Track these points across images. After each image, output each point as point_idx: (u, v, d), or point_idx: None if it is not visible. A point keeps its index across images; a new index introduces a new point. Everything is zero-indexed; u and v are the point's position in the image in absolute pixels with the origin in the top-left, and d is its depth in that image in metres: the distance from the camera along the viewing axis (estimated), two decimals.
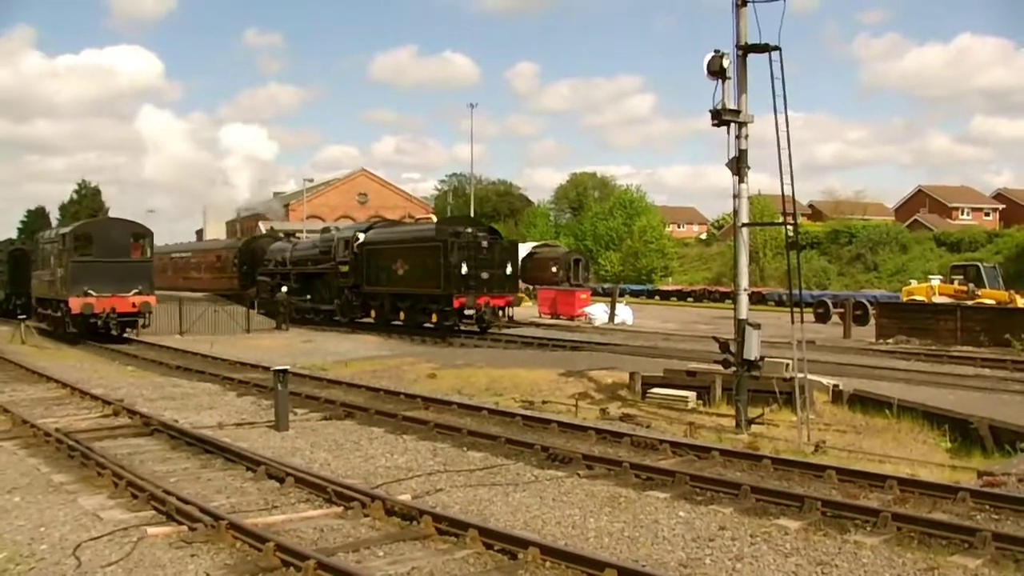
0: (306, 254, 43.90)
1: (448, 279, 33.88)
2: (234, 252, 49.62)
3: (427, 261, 34.87)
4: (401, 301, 37.04)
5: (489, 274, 34.80)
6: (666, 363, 22.03)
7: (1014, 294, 41.21)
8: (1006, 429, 14.64)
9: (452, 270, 33.82)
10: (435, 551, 9.16)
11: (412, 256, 35.96)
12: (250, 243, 49.36)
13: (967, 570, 8.67)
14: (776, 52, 15.99)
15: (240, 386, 21.82)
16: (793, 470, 12.61)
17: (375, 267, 38.12)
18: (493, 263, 35.18)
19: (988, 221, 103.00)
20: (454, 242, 34.35)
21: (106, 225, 38.23)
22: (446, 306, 34.21)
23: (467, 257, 34.32)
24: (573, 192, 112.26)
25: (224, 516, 9.73)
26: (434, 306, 35.04)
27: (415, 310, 36.43)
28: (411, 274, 35.80)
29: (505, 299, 35.70)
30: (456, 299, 33.78)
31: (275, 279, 45.17)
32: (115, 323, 33.86)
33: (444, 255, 33.99)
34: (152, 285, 35.35)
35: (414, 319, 36.56)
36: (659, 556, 9.11)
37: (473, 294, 34.07)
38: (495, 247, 35.88)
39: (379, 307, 38.54)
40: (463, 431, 15.55)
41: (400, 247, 37.14)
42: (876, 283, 67.82)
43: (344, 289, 40.07)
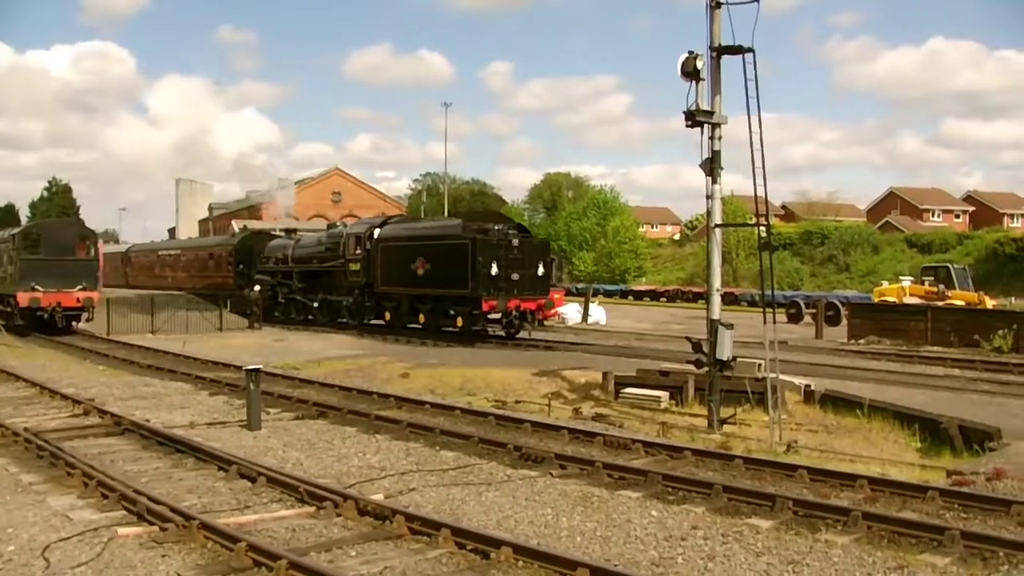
0: (311, 251, 41.19)
1: (476, 280, 30.99)
2: (229, 249, 47.59)
3: (452, 260, 31.95)
4: (421, 303, 34.16)
5: (520, 275, 31.98)
6: (639, 363, 22.10)
7: (983, 295, 41.70)
8: (975, 429, 14.77)
9: (481, 270, 30.94)
10: (408, 551, 9.15)
11: (435, 254, 33.02)
12: (247, 240, 47.33)
13: (936, 568, 8.73)
14: (750, 54, 16.09)
15: (212, 385, 21.70)
16: (765, 470, 12.66)
17: (391, 266, 35.16)
18: (524, 263, 32.32)
19: (958, 223, 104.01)
20: (482, 240, 31.55)
21: (53, 226, 41.62)
22: (474, 309, 31.57)
23: (497, 256, 31.43)
24: (547, 192, 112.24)
25: (195, 516, 9.67)
26: (459, 308, 32.30)
27: (436, 313, 33.61)
28: (433, 274, 32.87)
29: (536, 302, 32.81)
30: (485, 302, 31.05)
31: (275, 278, 43.10)
32: (60, 316, 36.33)
33: (472, 254, 31.16)
34: (96, 282, 38.12)
35: (435, 323, 33.71)
36: (631, 555, 9.12)
37: (504, 296, 31.39)
38: (525, 245, 33.04)
39: (394, 309, 35.51)
40: (436, 431, 15.53)
41: (421, 245, 34.00)
42: (848, 284, 68.27)
43: (355, 289, 37.31)
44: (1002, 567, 8.73)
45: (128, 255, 64.49)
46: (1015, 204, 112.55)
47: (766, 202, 16.22)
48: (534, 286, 32.63)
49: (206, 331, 37.87)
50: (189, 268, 51.94)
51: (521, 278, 31.94)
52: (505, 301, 31.26)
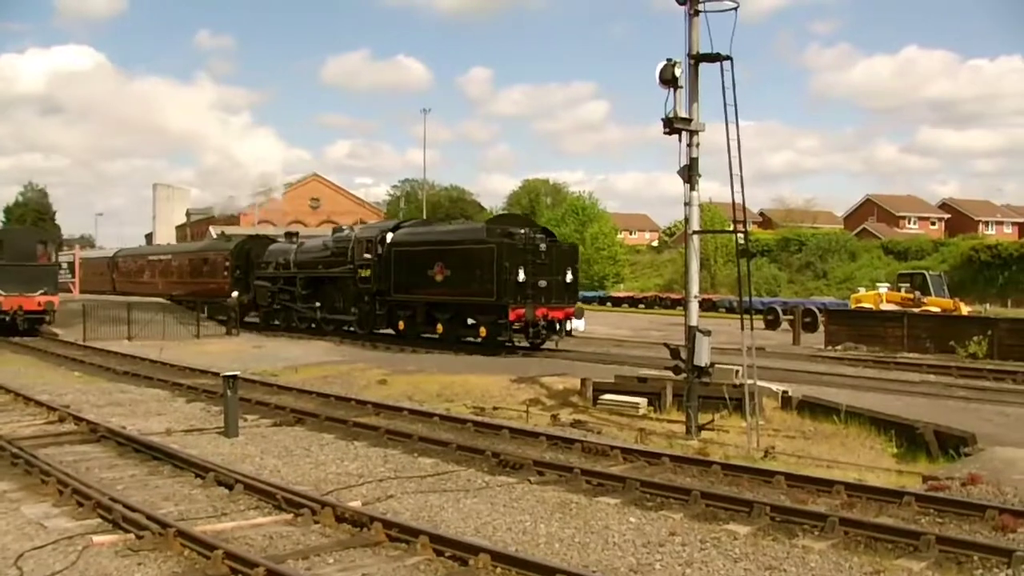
0: (315, 256, 39.29)
1: (502, 287, 29.01)
2: (225, 254, 46.09)
3: (475, 266, 30.03)
4: (439, 311, 32.18)
5: (547, 282, 29.96)
6: (617, 369, 22.11)
7: (959, 302, 42.10)
8: (950, 434, 14.85)
9: (508, 277, 28.97)
10: (386, 558, 9.13)
11: (456, 260, 30.96)
12: (244, 244, 45.98)
13: (912, 573, 8.79)
14: (728, 62, 16.17)
15: (189, 392, 21.61)
16: (743, 476, 12.70)
17: (406, 272, 33.01)
18: (551, 269, 30.30)
19: (934, 230, 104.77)
20: (508, 244, 29.73)
21: (15, 233, 44.20)
22: (499, 318, 29.44)
23: (524, 262, 29.43)
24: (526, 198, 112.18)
25: (172, 524, 9.62)
26: (483, 318, 30.26)
27: (456, 322, 31.80)
28: (454, 281, 30.86)
29: (564, 311, 30.70)
30: (512, 310, 28.97)
31: (276, 284, 41.37)
32: (22, 319, 37.45)
33: (497, 259, 29.23)
34: (56, 287, 39.78)
35: (455, 333, 31.83)
36: (609, 561, 9.13)
37: (531, 305, 29.38)
38: (553, 250, 31.02)
39: (409, 318, 33.51)
40: (414, 437, 15.51)
41: (440, 249, 31.87)
42: (825, 290, 68.64)
43: (364, 296, 35.31)
44: (976, 571, 8.80)
45: (115, 260, 62.56)
46: (990, 212, 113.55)
47: (744, 209, 16.30)
48: (562, 294, 30.79)
49: (183, 337, 37.68)
50: (182, 273, 50.62)
51: (549, 285, 30.10)
52: (533, 309, 29.41)
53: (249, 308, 43.30)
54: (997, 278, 65.54)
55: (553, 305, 30.13)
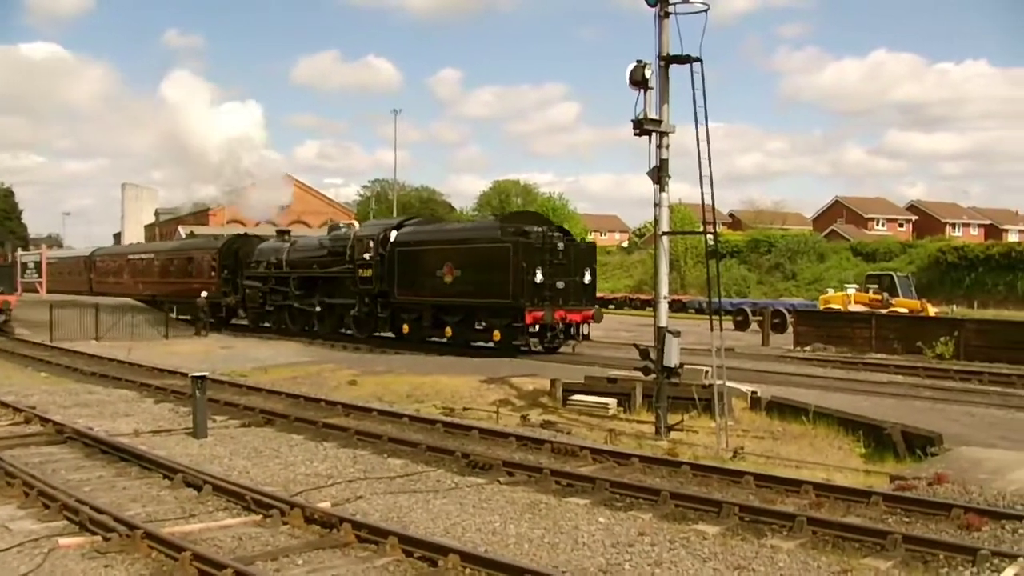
0: (310, 255, 37.53)
1: (519, 288, 27.63)
2: (212, 253, 44.06)
3: (489, 266, 28.60)
4: (448, 314, 30.64)
5: (565, 283, 28.52)
6: (587, 370, 22.13)
7: (926, 303, 42.46)
8: (917, 435, 14.95)
9: (525, 277, 27.61)
10: (355, 559, 9.11)
11: (467, 260, 29.51)
12: (232, 242, 43.96)
13: (879, 571, 8.86)
14: (697, 63, 16.20)
15: (157, 393, 21.48)
16: (712, 476, 12.76)
17: (411, 272, 31.47)
18: (569, 269, 28.87)
19: (902, 232, 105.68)
20: (525, 243, 28.32)
21: None
22: (515, 321, 28.00)
23: (541, 262, 28.13)
24: (496, 199, 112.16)
25: (139, 525, 9.57)
26: (496, 321, 28.79)
27: (467, 325, 30.27)
28: (464, 282, 29.39)
29: (583, 313, 29.22)
30: (529, 313, 27.49)
31: (267, 284, 39.59)
32: None
33: (513, 259, 27.83)
34: (13, 286, 40.97)
35: (465, 336, 30.33)
36: (579, 562, 9.15)
37: (549, 307, 27.87)
38: (571, 250, 29.55)
39: (414, 321, 31.94)
40: (384, 438, 15.49)
41: (449, 249, 30.43)
42: (794, 291, 68.92)
43: (364, 298, 33.59)
44: (942, 569, 8.88)
45: (93, 259, 60.62)
46: (956, 214, 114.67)
47: (713, 210, 16.34)
48: (580, 295, 29.27)
49: (152, 338, 37.46)
50: (165, 273, 48.72)
51: (566, 286, 28.66)
52: (551, 312, 27.81)
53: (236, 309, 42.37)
54: (964, 279, 66.08)
55: (571, 307, 28.84)
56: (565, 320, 28.66)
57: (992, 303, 61.97)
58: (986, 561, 8.84)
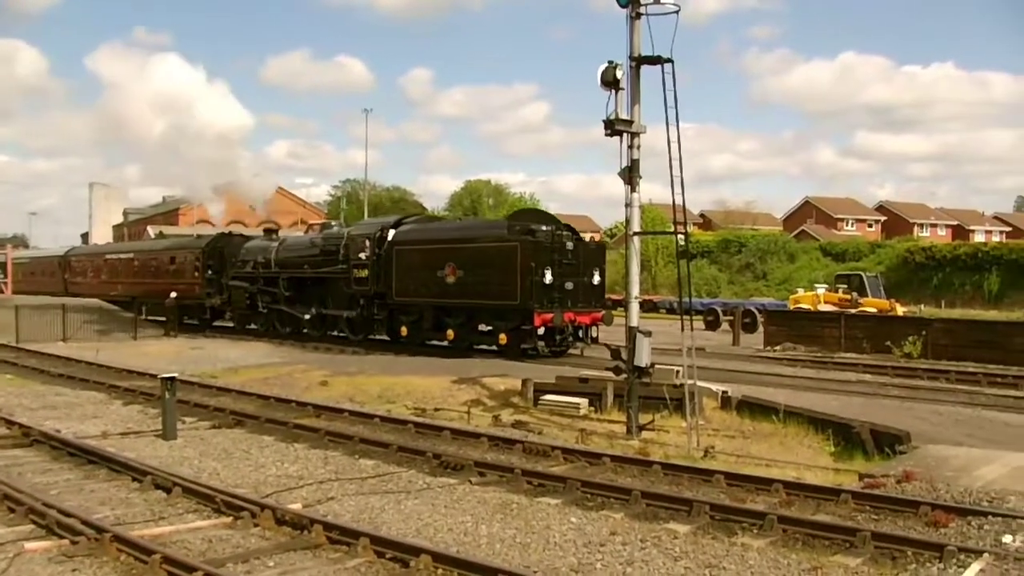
0: (300, 255, 36.18)
1: (528, 290, 26.50)
2: (196, 253, 42.44)
3: (496, 266, 27.51)
4: (450, 316, 29.40)
5: (574, 284, 27.40)
6: (558, 370, 22.16)
7: (895, 302, 42.89)
8: (886, 433, 15.05)
9: (534, 278, 26.44)
10: (326, 560, 9.08)
11: (471, 260, 28.35)
12: (217, 241, 42.34)
13: (848, 569, 8.92)
14: (669, 64, 16.24)
15: (126, 394, 21.33)
16: (683, 475, 12.80)
17: (411, 273, 30.26)
18: (578, 270, 27.74)
19: (871, 232, 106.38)
20: (533, 243, 27.10)
21: None
22: (523, 323, 26.92)
23: (550, 262, 26.98)
24: (467, 199, 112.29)
25: (108, 528, 9.50)
26: (502, 323, 27.66)
27: (470, 328, 29.08)
28: (468, 282, 28.27)
29: (592, 315, 28.04)
30: (538, 315, 26.39)
31: (255, 284, 38.16)
32: None
33: (521, 259, 26.77)
34: None
35: (469, 339, 29.13)
36: (551, 562, 9.16)
37: (559, 309, 26.75)
38: (580, 249, 28.39)
39: (413, 323, 30.72)
40: (355, 439, 15.45)
41: (452, 248, 29.27)
42: (765, 291, 69.29)
43: (359, 299, 32.40)
44: (910, 566, 8.95)
45: (68, 259, 58.67)
46: (924, 214, 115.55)
47: (684, 210, 16.41)
48: (589, 297, 28.10)
49: (120, 339, 37.19)
50: (145, 274, 47.03)
51: (575, 287, 27.49)
52: (561, 314, 26.65)
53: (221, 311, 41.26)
54: (931, 279, 66.68)
55: (580, 309, 27.60)
56: (574, 322, 27.63)
57: (959, 302, 62.58)
58: (953, 557, 8.92)
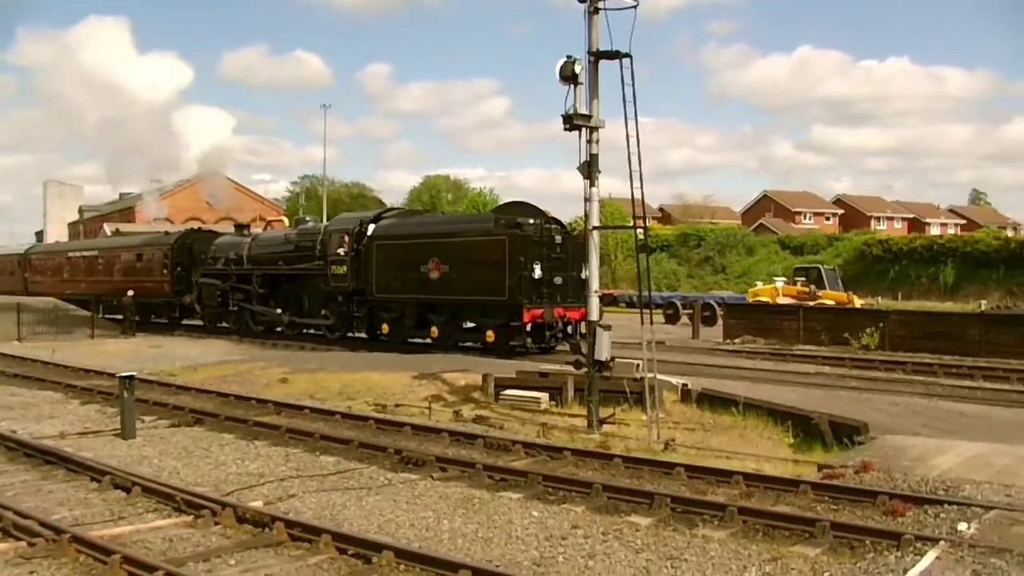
0: (274, 251, 35.09)
1: (517, 285, 25.75)
2: (164, 250, 41.23)
3: (482, 261, 26.71)
4: (434, 313, 28.56)
5: (563, 278, 26.45)
6: (519, 364, 22.20)
7: (852, 295, 43.19)
8: (844, 424, 15.22)
9: (523, 273, 25.70)
10: (288, 557, 9.06)
11: (456, 255, 27.56)
12: (186, 238, 41.33)
13: (808, 559, 9.00)
14: (627, 59, 16.30)
15: (84, 394, 21.12)
16: (643, 468, 12.87)
17: (392, 268, 29.35)
18: (567, 264, 26.62)
19: (829, 225, 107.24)
20: (522, 236, 26.24)
21: None
22: (512, 320, 26.19)
23: (539, 256, 26.22)
24: (426, 194, 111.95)
25: (66, 529, 9.41)
26: (490, 320, 26.95)
27: (455, 325, 28.36)
28: (453, 278, 27.46)
29: (581, 311, 24.78)
30: (527, 311, 25.64)
31: (226, 282, 36.98)
32: None
33: (510, 254, 26.04)
34: None
35: (454, 336, 28.32)
36: (513, 556, 9.18)
37: (548, 304, 26.05)
38: (569, 243, 27.07)
39: (395, 320, 29.78)
40: (316, 436, 15.40)
41: (435, 243, 28.37)
42: (724, 285, 69.79)
43: (337, 296, 31.48)
44: (868, 555, 9.04)
45: (28, 257, 57.49)
46: (881, 208, 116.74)
47: (643, 205, 16.49)
48: (578, 292, 25.49)
49: (77, 338, 36.80)
50: (110, 272, 45.67)
51: (564, 282, 26.52)
52: (551, 310, 25.95)
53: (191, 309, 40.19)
54: (888, 272, 67.36)
55: (569, 304, 26.56)
56: (564, 318, 26.85)
57: (915, 294, 63.27)
58: (909, 545, 9.03)
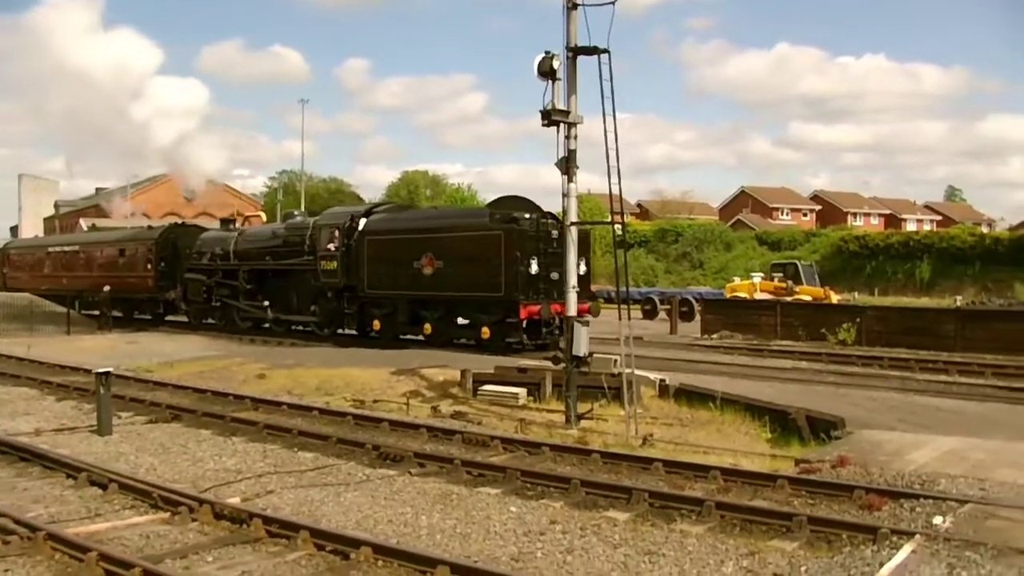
0: (261, 246, 34.30)
1: (513, 281, 25.15)
2: (148, 244, 40.44)
3: (477, 257, 26.13)
4: (428, 309, 27.94)
5: (559, 274, 23.67)
6: (497, 360, 22.20)
7: (829, 290, 43.45)
8: (821, 419, 15.28)
9: (519, 269, 25.04)
10: (266, 554, 9.03)
11: (451, 250, 26.95)
12: (170, 232, 40.76)
13: (785, 553, 9.05)
14: (605, 55, 16.29)
15: (60, 390, 20.97)
16: (621, 463, 12.89)
17: (384, 264, 28.74)
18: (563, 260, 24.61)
19: (806, 221, 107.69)
20: (518, 231, 25.54)
21: None
22: (508, 316, 25.55)
23: (536, 251, 25.62)
24: (404, 190, 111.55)
25: (42, 527, 9.36)
26: (485, 316, 26.31)
27: (448, 321, 27.69)
28: (447, 274, 26.83)
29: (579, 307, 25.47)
30: (524, 307, 24.98)
31: (212, 277, 36.27)
32: None
33: (506, 249, 25.40)
34: None
35: (448, 333, 27.65)
36: (491, 551, 9.19)
37: (545, 300, 25.11)
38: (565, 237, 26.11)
39: (387, 317, 29.17)
40: (293, 432, 15.37)
41: (429, 238, 27.79)
42: (701, 280, 69.82)
43: (327, 292, 30.81)
44: (845, 549, 9.10)
45: (6, 253, 56.16)
46: (857, 204, 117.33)
47: (621, 200, 16.50)
48: None
49: (52, 333, 36.56)
50: (91, 267, 44.88)
51: (561, 278, 24.36)
52: (548, 306, 24.75)
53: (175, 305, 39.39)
54: (865, 267, 67.63)
55: None
56: (561, 314, 24.88)
57: (892, 290, 63.52)
58: (886, 539, 9.09)
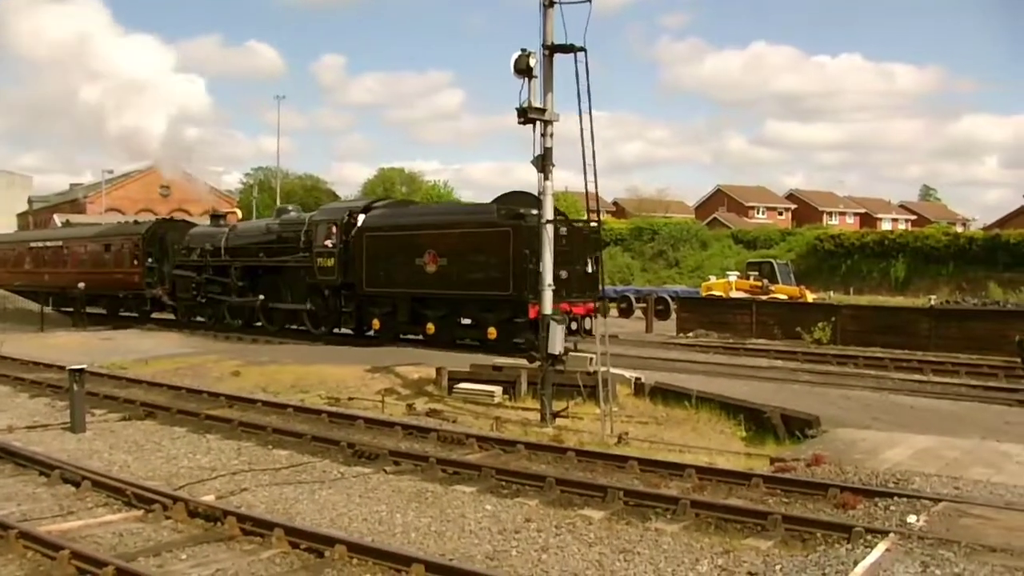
0: (254, 242, 33.56)
1: (522, 279, 24.09)
2: (135, 240, 39.52)
3: (484, 254, 25.45)
4: (430, 308, 27.18)
5: (568, 272, 23.96)
6: (473, 358, 22.17)
7: (804, 289, 43.60)
8: (796, 417, 15.36)
9: (528, 267, 23.63)
10: (240, 552, 9.00)
11: (455, 247, 26.22)
12: (157, 227, 39.93)
13: (759, 551, 9.09)
14: (582, 53, 16.32)
15: (33, 387, 20.85)
16: (597, 462, 12.91)
17: (384, 261, 27.97)
18: (572, 257, 24.49)
19: (781, 220, 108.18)
20: (527, 228, 23.90)
21: None
22: (516, 316, 24.75)
23: None
24: (380, 187, 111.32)
25: (14, 525, 9.29)
26: (491, 315, 25.52)
27: (452, 321, 26.86)
28: (451, 271, 26.12)
29: (586, 306, 25.46)
30: (533, 306, 23.00)
31: (202, 274, 35.51)
32: None
33: (514, 246, 24.59)
34: None
35: (451, 333, 26.75)
36: (466, 549, 9.19)
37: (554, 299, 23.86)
38: (574, 236, 25.33)
39: (386, 316, 28.44)
40: (268, 429, 15.31)
41: (432, 234, 27.07)
42: (677, 279, 69.91)
43: (323, 290, 30.03)
44: (819, 547, 9.14)
45: None
46: (833, 203, 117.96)
47: (597, 198, 16.54)
48: (583, 286, 24.95)
49: (25, 330, 36.29)
50: (76, 263, 43.80)
51: (569, 276, 24.27)
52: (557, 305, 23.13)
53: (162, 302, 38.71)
54: (840, 266, 67.90)
55: (575, 299, 24.81)
56: (569, 313, 24.50)
57: (867, 289, 63.83)
58: (860, 538, 9.14)
